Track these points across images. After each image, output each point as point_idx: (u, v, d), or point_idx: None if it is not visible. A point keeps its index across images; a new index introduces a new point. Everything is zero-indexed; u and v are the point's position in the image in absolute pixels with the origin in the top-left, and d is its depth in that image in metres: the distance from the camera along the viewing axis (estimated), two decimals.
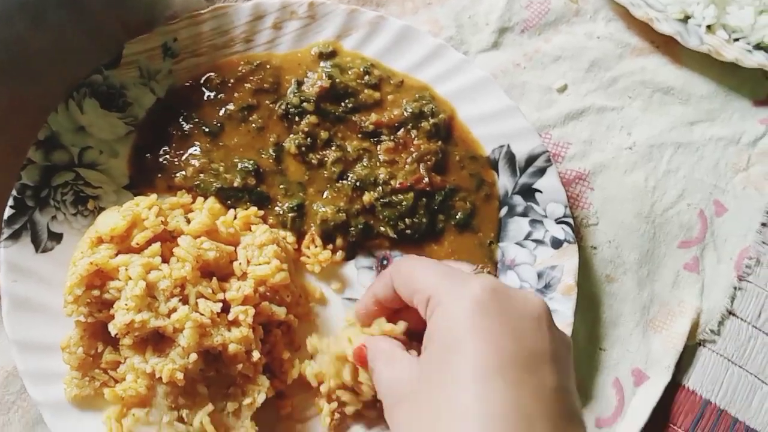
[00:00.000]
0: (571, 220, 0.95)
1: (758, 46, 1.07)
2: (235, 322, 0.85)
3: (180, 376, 0.80)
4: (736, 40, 1.08)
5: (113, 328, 0.81)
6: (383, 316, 0.81)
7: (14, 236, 0.89)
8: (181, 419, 0.83)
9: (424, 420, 0.62)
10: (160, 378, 0.80)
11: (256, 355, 0.84)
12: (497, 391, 0.59)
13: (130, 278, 0.81)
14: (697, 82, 1.09)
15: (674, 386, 0.98)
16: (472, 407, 0.59)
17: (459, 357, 0.62)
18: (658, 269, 1.02)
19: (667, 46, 1.09)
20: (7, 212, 0.89)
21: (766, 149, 1.07)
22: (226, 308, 0.86)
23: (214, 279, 0.86)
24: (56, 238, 0.91)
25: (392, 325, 0.80)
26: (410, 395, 0.66)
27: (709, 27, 1.08)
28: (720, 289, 1.02)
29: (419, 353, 0.73)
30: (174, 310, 0.82)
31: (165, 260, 0.86)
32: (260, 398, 0.85)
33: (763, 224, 1.04)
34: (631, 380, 0.98)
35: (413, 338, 0.79)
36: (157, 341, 0.83)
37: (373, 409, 0.88)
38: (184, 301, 0.83)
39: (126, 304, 0.80)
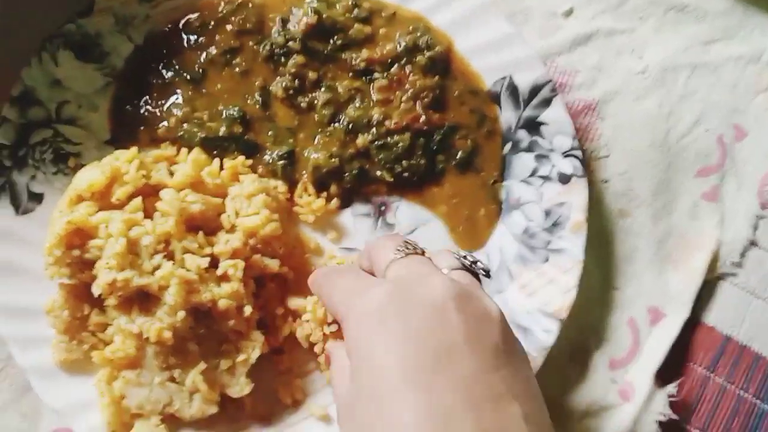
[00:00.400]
0: (579, 153, 0.89)
1: None
2: (225, 277, 0.81)
3: (168, 335, 0.77)
4: None
5: (96, 289, 0.78)
6: None
7: None
8: (173, 379, 0.80)
9: None
10: (149, 338, 0.77)
11: (248, 310, 0.81)
12: (409, 400, 0.54)
13: (111, 236, 0.78)
14: None
15: (693, 323, 0.93)
16: (390, 423, 0.54)
17: (369, 374, 0.58)
18: (674, 200, 0.96)
19: None
20: None
21: None
22: (215, 263, 0.82)
23: (200, 233, 0.82)
24: (37, 198, 0.88)
25: None
26: (344, 415, 0.62)
27: None
28: (741, 218, 0.96)
29: None
30: (158, 267, 0.78)
31: (149, 216, 0.82)
32: (254, 354, 0.82)
33: None
34: (647, 319, 0.93)
35: None
36: (143, 300, 0.79)
37: None
38: (169, 257, 0.79)
39: (107, 263, 0.76)
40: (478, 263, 0.71)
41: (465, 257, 0.71)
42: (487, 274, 0.72)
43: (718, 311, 0.94)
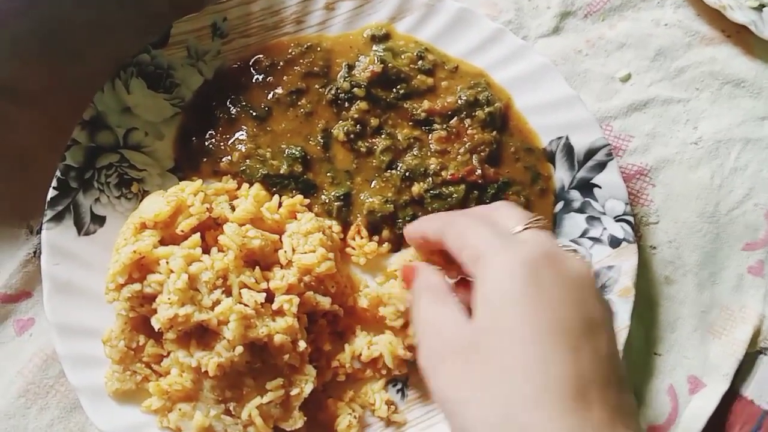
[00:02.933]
0: (631, 219, 0.91)
1: None
2: (280, 312, 0.83)
3: (227, 369, 0.78)
4: None
5: (156, 323, 0.79)
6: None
7: (57, 218, 0.88)
8: (228, 412, 0.81)
9: (477, 380, 0.61)
10: (206, 372, 0.79)
11: (302, 344, 0.82)
12: (556, 354, 0.58)
13: (172, 271, 0.79)
14: None
15: (731, 395, 0.94)
16: (530, 368, 0.58)
17: (516, 319, 0.61)
18: (720, 272, 0.97)
19: (740, 35, 1.03)
20: (51, 193, 0.88)
21: None
22: (270, 298, 0.83)
23: (257, 268, 0.84)
24: (99, 221, 0.90)
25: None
26: (459, 353, 0.63)
27: None
28: None
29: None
30: (218, 302, 0.79)
31: (209, 247, 0.84)
32: (308, 388, 0.83)
33: None
34: (686, 387, 0.94)
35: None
36: (201, 334, 0.81)
37: None
38: (227, 292, 0.81)
39: (169, 299, 0.78)
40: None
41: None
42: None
43: (758, 385, 0.94)
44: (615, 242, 0.91)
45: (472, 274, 0.66)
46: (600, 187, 0.93)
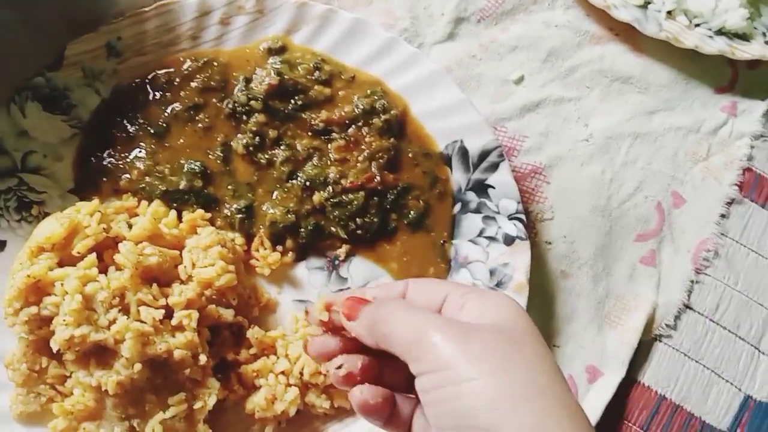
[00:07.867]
0: (523, 217, 0.94)
1: (719, 32, 1.05)
2: (179, 327, 0.84)
3: (127, 386, 0.80)
4: (698, 25, 1.05)
5: (54, 345, 0.80)
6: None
7: None
8: (132, 429, 0.82)
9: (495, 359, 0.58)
10: (107, 390, 0.80)
11: (203, 358, 0.84)
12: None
13: (67, 293, 0.80)
14: (657, 70, 1.07)
15: (629, 382, 0.98)
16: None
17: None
18: (614, 263, 1.01)
19: (627, 33, 1.07)
20: None
21: (727, 137, 1.06)
22: (170, 314, 0.85)
23: (155, 285, 0.85)
24: None
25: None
26: (459, 333, 0.60)
27: (669, 13, 1.05)
28: (677, 282, 1.01)
29: None
30: (114, 321, 0.81)
31: (108, 266, 0.85)
32: (211, 401, 0.84)
33: (722, 215, 1.03)
34: (585, 377, 0.97)
35: None
36: (100, 353, 0.82)
37: None
38: (125, 310, 0.82)
39: (64, 320, 0.79)
40: None
41: None
42: None
43: (654, 371, 0.98)
44: (509, 240, 0.94)
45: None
46: (494, 188, 0.96)
